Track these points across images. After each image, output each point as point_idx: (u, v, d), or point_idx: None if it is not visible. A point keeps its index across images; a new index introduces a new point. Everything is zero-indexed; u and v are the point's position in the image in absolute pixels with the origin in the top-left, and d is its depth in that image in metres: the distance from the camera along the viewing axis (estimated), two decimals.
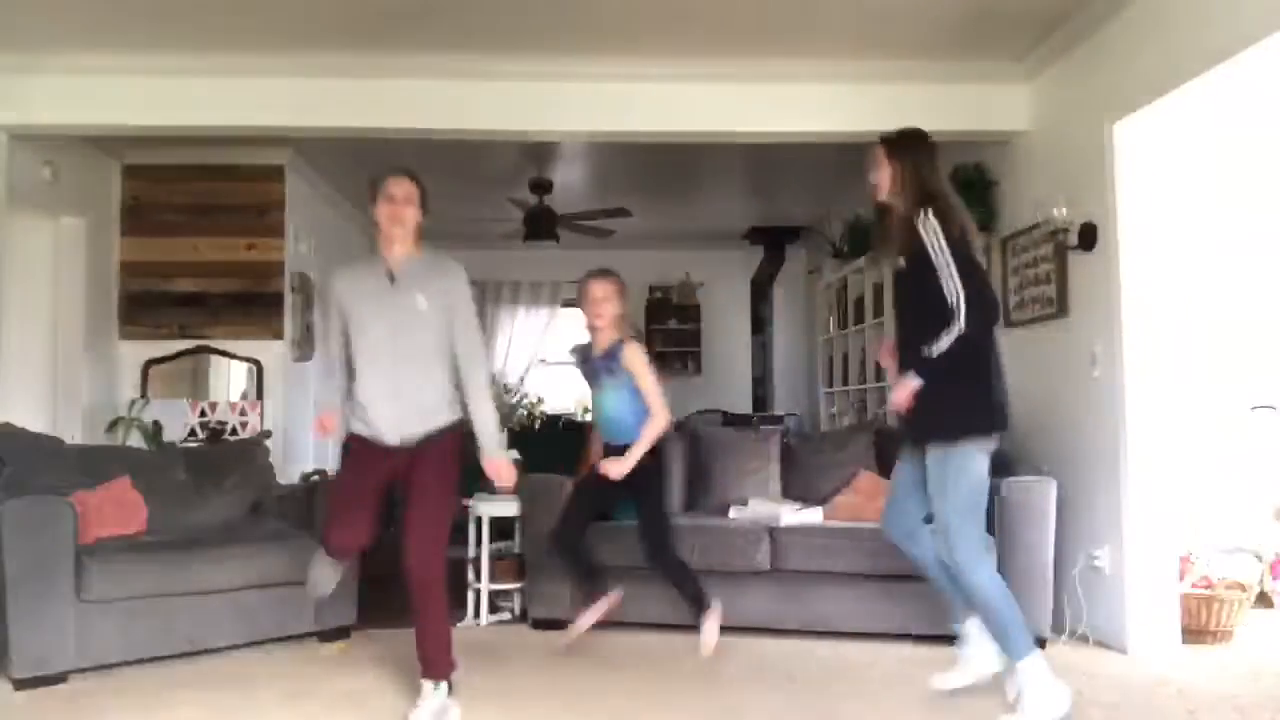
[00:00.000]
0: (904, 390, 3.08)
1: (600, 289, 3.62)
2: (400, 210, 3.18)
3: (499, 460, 3.32)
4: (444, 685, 3.14)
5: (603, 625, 4.12)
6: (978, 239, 3.20)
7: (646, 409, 3.65)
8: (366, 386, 3.19)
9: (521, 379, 9.13)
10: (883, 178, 3.19)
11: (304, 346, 6.51)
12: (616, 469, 3.64)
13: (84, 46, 4.35)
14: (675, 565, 3.74)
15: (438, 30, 4.26)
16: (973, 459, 3.06)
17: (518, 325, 9.22)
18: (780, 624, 4.19)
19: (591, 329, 3.66)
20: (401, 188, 3.21)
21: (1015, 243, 4.77)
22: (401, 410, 3.16)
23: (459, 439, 3.29)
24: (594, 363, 3.67)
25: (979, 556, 3.12)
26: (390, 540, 3.31)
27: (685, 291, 9.48)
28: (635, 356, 3.62)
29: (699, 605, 3.66)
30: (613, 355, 3.60)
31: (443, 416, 3.23)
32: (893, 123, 4.69)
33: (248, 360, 6.04)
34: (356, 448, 3.26)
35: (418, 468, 3.17)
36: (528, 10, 4.08)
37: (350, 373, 3.27)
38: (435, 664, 3.13)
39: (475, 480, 4.93)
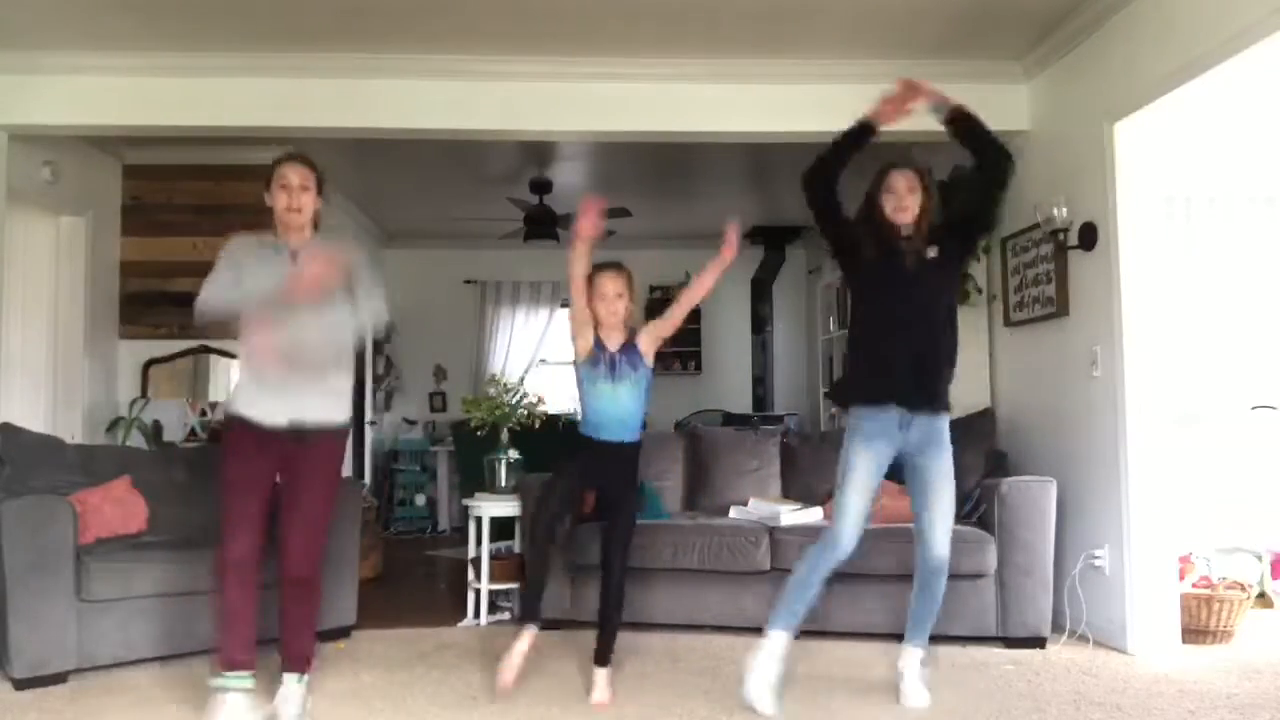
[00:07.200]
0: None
1: (617, 284, 3.42)
2: (297, 197, 3.08)
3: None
4: (307, 678, 3.10)
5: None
6: None
7: (645, 408, 3.54)
8: (264, 350, 2.99)
9: (521, 379, 9.11)
10: (914, 204, 3.22)
11: None
12: None
13: (84, 46, 4.35)
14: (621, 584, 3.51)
15: (438, 30, 4.26)
16: None
17: (518, 325, 9.21)
18: None
19: (605, 326, 3.43)
20: (298, 174, 3.09)
21: (1015, 243, 4.78)
22: (297, 385, 2.99)
23: (344, 446, 3.18)
24: (614, 356, 3.42)
25: None
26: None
27: None
28: (649, 340, 3.49)
29: (608, 649, 3.44)
30: (632, 349, 3.44)
31: (337, 410, 3.09)
32: (892, 123, 4.72)
33: None
34: (238, 435, 3.02)
35: (307, 463, 3.02)
36: (528, 10, 4.08)
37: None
38: (306, 658, 3.10)
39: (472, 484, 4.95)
